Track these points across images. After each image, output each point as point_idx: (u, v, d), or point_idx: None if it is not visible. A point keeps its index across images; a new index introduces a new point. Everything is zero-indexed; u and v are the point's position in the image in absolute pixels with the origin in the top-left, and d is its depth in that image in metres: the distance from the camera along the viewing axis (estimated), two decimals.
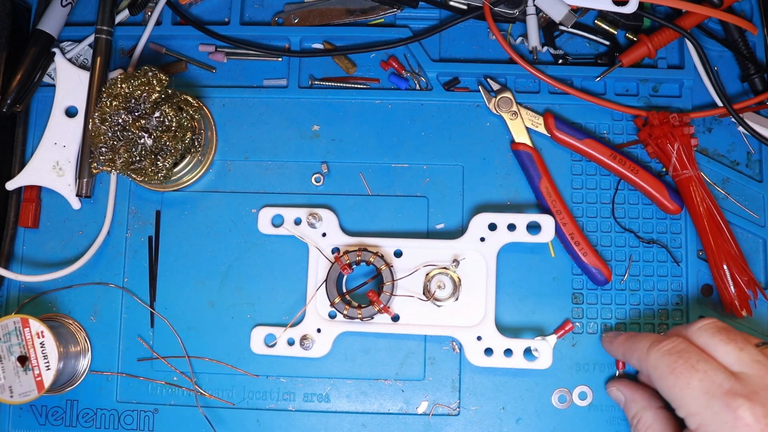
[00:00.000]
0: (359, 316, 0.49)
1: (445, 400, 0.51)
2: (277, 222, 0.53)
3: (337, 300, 0.50)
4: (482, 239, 0.51)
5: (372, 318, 0.50)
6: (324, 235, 0.52)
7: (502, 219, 0.51)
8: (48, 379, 0.48)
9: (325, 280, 0.51)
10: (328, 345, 0.51)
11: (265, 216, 0.53)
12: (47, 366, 0.48)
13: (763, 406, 0.38)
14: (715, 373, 0.40)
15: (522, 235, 0.51)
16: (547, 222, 0.51)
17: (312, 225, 0.52)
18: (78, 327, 0.53)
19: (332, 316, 0.51)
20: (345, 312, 0.49)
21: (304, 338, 0.51)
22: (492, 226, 0.51)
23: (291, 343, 0.51)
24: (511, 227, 0.51)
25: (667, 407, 0.45)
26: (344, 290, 0.51)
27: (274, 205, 0.53)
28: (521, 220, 0.51)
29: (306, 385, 0.52)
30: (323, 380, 0.52)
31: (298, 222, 0.52)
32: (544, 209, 0.53)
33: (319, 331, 0.51)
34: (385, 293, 0.49)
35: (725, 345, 0.42)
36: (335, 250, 0.52)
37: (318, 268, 0.52)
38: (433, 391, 0.52)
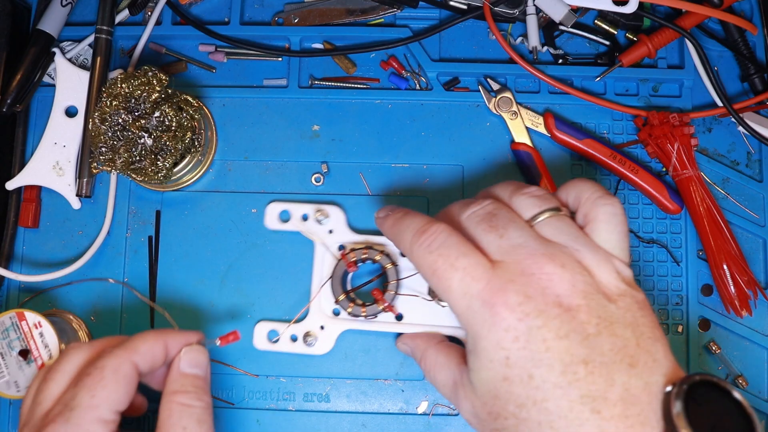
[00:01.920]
0: (363, 313, 0.49)
1: (445, 400, 0.51)
2: (285, 217, 0.53)
3: (342, 297, 0.50)
4: None
5: (376, 316, 0.50)
6: (331, 232, 0.52)
7: None
8: None
9: (331, 277, 0.51)
10: (332, 342, 0.51)
11: (273, 211, 0.53)
12: (50, 355, 0.48)
13: (518, 294, 0.36)
14: (475, 269, 0.37)
15: None
16: None
17: (319, 221, 0.52)
18: (79, 323, 0.53)
19: (336, 314, 0.51)
20: (349, 309, 0.49)
21: (307, 335, 0.51)
22: None
23: (294, 339, 0.51)
24: None
25: (448, 338, 0.45)
26: (349, 288, 0.51)
27: (282, 201, 0.53)
28: None
29: (306, 385, 0.52)
30: (323, 380, 0.52)
31: (305, 218, 0.52)
32: None
33: (322, 328, 0.51)
34: (390, 292, 0.49)
35: (487, 234, 0.39)
36: (341, 247, 0.52)
37: (323, 265, 0.51)
38: (433, 391, 0.52)
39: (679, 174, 0.52)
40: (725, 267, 0.51)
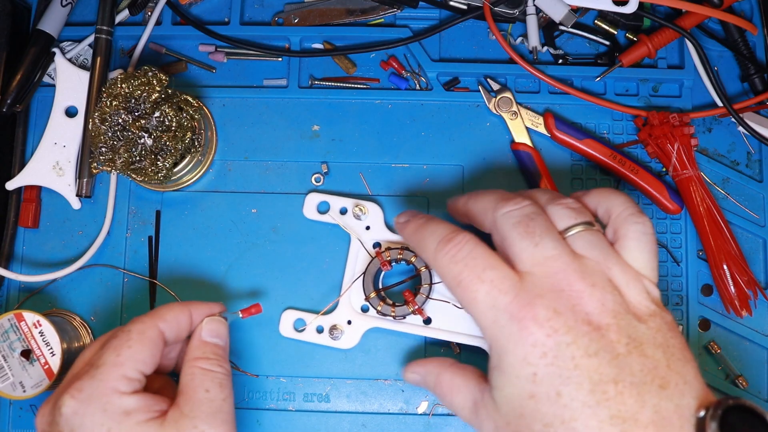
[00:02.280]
0: (392, 313, 0.49)
1: None
2: (323, 209, 0.53)
3: (373, 295, 0.50)
4: None
5: (404, 318, 0.49)
6: (368, 228, 0.52)
7: None
8: (55, 364, 0.48)
9: (363, 273, 0.50)
10: (357, 337, 0.51)
11: (312, 201, 0.53)
12: (51, 352, 0.48)
13: (547, 309, 0.35)
14: (502, 282, 0.36)
15: None
16: None
17: (357, 217, 0.52)
18: (80, 322, 0.53)
19: (364, 310, 0.51)
20: (379, 308, 0.49)
21: (333, 328, 0.51)
22: None
23: (320, 330, 0.51)
24: None
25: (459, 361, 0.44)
26: (380, 286, 0.51)
27: (321, 191, 0.53)
28: None
29: (306, 385, 0.52)
30: (323, 380, 0.52)
31: (343, 211, 0.52)
32: None
33: (349, 323, 0.51)
34: (421, 295, 0.49)
35: (521, 240, 0.37)
36: (376, 245, 0.52)
37: (357, 261, 0.51)
38: None
39: (679, 174, 0.52)
40: (725, 267, 0.51)
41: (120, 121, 0.49)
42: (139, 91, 0.49)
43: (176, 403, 0.41)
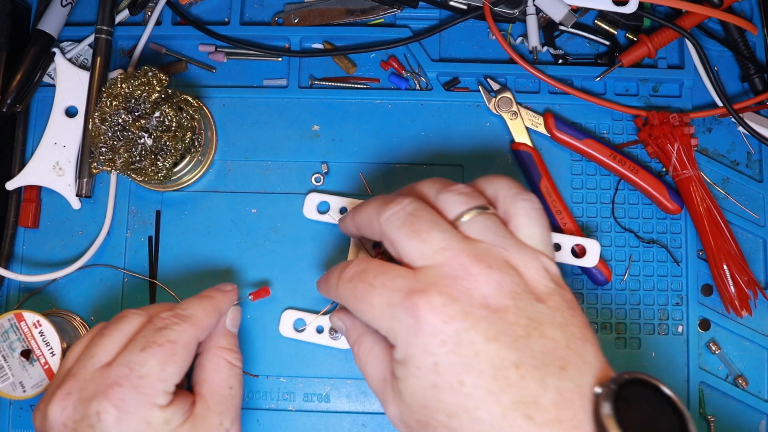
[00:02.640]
0: None
1: None
2: (323, 209, 0.53)
3: None
4: None
5: None
6: None
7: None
8: (55, 364, 0.48)
9: None
10: None
11: (312, 201, 0.53)
12: (51, 352, 0.48)
13: (441, 295, 0.34)
14: (394, 282, 0.36)
15: (566, 257, 0.50)
16: (592, 247, 0.50)
17: None
18: (80, 322, 0.53)
19: None
20: None
21: (333, 328, 0.51)
22: None
23: (320, 330, 0.51)
24: (556, 247, 0.50)
25: None
26: None
27: (322, 191, 0.53)
28: (567, 241, 0.50)
29: (306, 385, 0.52)
30: (323, 380, 0.52)
31: (343, 212, 0.52)
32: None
33: None
34: None
35: (409, 241, 0.37)
36: (376, 245, 0.52)
37: None
38: None
39: (679, 174, 0.52)
40: (725, 267, 0.51)
41: (120, 121, 0.49)
42: (139, 91, 0.49)
43: (201, 395, 0.42)
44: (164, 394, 0.40)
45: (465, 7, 0.56)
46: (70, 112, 0.55)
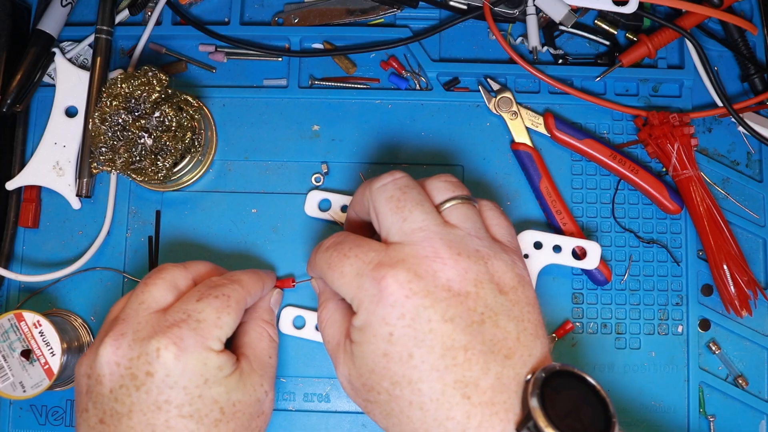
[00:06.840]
0: None
1: None
2: (324, 206, 0.53)
3: None
4: (526, 256, 0.50)
5: None
6: None
7: (548, 239, 0.50)
8: (55, 364, 0.48)
9: None
10: None
11: (313, 199, 0.53)
12: (51, 352, 0.48)
13: (408, 272, 0.37)
14: (366, 254, 0.38)
15: (566, 259, 0.50)
16: (593, 249, 0.51)
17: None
18: (80, 322, 0.53)
19: None
20: None
21: None
22: (537, 245, 0.50)
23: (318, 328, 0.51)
24: (557, 249, 0.51)
25: None
26: None
27: (323, 189, 0.54)
28: (568, 243, 0.51)
29: (306, 385, 0.52)
30: (323, 380, 0.52)
31: (344, 209, 0.52)
32: (544, 209, 0.53)
33: None
34: None
35: (392, 215, 0.39)
36: None
37: None
38: None
39: (679, 174, 0.52)
40: (725, 267, 0.51)
41: (120, 121, 0.49)
42: (139, 91, 0.49)
43: (246, 357, 0.45)
44: (218, 341, 0.41)
45: (465, 7, 0.56)
46: (70, 112, 0.55)
